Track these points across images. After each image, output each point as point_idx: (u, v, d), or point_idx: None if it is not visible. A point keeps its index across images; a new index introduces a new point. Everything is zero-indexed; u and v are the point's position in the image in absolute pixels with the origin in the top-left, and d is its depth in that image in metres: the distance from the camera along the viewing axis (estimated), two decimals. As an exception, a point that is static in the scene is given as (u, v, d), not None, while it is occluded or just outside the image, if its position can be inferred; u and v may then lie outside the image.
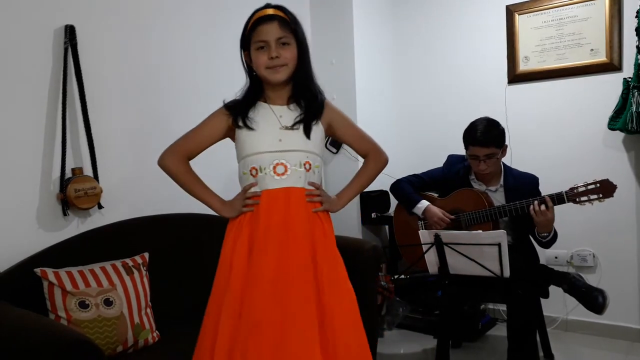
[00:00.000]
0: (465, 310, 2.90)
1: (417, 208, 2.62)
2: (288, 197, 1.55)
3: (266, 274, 1.50)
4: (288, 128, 1.57)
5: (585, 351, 2.75)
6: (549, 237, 2.35)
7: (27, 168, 1.99)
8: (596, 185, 2.23)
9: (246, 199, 1.57)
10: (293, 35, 1.54)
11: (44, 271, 1.80)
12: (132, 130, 2.33)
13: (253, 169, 1.57)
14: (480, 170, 2.45)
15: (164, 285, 2.15)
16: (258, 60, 1.54)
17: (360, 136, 1.74)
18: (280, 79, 1.55)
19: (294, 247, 1.52)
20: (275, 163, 1.55)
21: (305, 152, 1.57)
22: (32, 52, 2.00)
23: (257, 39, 1.53)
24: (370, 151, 1.74)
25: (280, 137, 1.56)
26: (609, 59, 2.79)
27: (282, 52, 1.53)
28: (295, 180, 1.56)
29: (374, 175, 1.76)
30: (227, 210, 1.62)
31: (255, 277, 1.50)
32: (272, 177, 1.55)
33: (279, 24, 1.52)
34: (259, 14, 1.54)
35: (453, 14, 3.30)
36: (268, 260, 1.51)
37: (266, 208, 1.55)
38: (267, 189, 1.56)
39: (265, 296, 1.48)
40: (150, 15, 2.41)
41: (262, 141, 1.56)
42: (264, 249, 1.52)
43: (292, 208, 1.55)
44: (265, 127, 1.57)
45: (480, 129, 2.42)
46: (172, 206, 2.41)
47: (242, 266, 1.53)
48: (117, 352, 1.85)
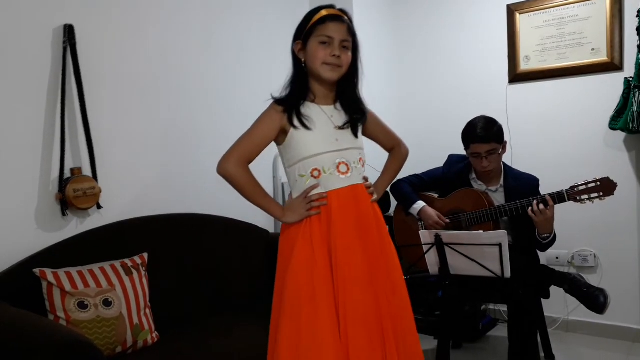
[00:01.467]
0: (465, 310, 2.90)
1: (412, 209, 2.62)
2: (356, 194, 1.60)
3: (360, 271, 1.53)
4: (341, 128, 1.60)
5: (586, 352, 2.75)
6: (549, 239, 2.35)
7: (26, 168, 1.98)
8: (597, 183, 2.22)
9: (311, 202, 1.56)
10: (352, 43, 1.60)
11: (43, 271, 1.79)
12: (132, 130, 2.32)
13: (315, 170, 1.57)
14: (483, 168, 2.45)
15: (163, 286, 2.15)
16: (318, 53, 1.55)
17: (389, 131, 1.83)
18: (333, 78, 1.57)
19: (372, 242, 1.58)
20: (338, 162, 1.58)
21: (358, 149, 1.64)
22: (31, 51, 1.99)
23: (323, 32, 1.55)
24: (397, 145, 1.85)
25: (337, 136, 1.59)
26: (610, 58, 2.79)
27: (342, 54, 1.56)
28: (357, 177, 1.62)
29: (401, 166, 1.88)
30: (289, 216, 1.59)
31: (350, 274, 1.52)
32: (338, 177, 1.58)
33: (347, 28, 1.58)
34: (332, 11, 1.58)
35: (454, 14, 3.29)
36: (357, 257, 1.54)
37: (338, 207, 1.56)
38: (333, 189, 1.57)
39: (365, 292, 1.52)
40: (149, 15, 2.40)
41: (321, 141, 1.57)
42: (350, 247, 1.54)
43: (361, 204, 1.60)
44: (321, 127, 1.58)
45: (480, 126, 2.43)
46: (171, 206, 2.41)
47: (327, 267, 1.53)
48: (116, 353, 1.85)
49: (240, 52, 2.81)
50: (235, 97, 2.75)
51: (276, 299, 1.62)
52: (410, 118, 3.50)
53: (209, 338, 1.98)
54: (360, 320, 1.50)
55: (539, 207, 2.24)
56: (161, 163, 2.43)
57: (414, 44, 3.46)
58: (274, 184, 2.89)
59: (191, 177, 2.52)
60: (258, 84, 2.75)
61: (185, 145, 2.51)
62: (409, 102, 3.50)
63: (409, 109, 3.51)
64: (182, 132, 2.52)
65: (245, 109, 2.34)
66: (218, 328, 2.08)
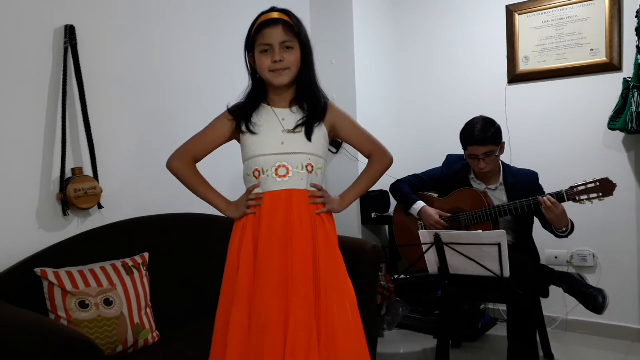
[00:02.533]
0: (465, 310, 2.90)
1: (412, 209, 2.63)
2: (290, 198, 1.57)
3: (272, 275, 1.52)
4: (290, 131, 1.58)
5: (585, 351, 2.75)
6: (568, 231, 2.36)
7: (27, 168, 1.99)
8: (596, 184, 2.23)
9: (249, 200, 1.60)
10: (297, 39, 1.56)
11: (44, 271, 1.80)
12: (132, 130, 2.33)
13: (256, 170, 1.59)
14: (480, 169, 2.46)
15: (164, 285, 2.15)
16: (262, 64, 1.56)
17: (364, 137, 1.73)
18: (282, 82, 1.57)
19: (295, 248, 1.54)
20: (277, 165, 1.57)
21: (307, 155, 1.58)
22: (32, 52, 2.00)
23: (261, 42, 1.55)
24: (374, 152, 1.73)
25: (283, 140, 1.58)
26: (609, 59, 2.79)
27: (285, 55, 1.54)
28: (297, 182, 1.58)
29: (378, 176, 1.75)
30: (231, 210, 1.65)
31: (261, 279, 1.52)
32: (274, 179, 1.57)
33: (283, 28, 1.54)
34: (264, 18, 1.56)
35: (453, 14, 3.30)
36: (273, 261, 1.53)
37: (268, 209, 1.57)
38: (269, 191, 1.58)
39: (272, 297, 1.51)
40: (150, 15, 2.41)
41: (265, 144, 1.58)
42: (268, 251, 1.54)
43: (293, 209, 1.56)
44: (268, 130, 1.59)
45: (477, 128, 2.43)
46: (172, 206, 2.41)
47: (249, 267, 1.56)
48: (117, 352, 1.85)
49: (240, 52, 2.80)
50: (235, 97, 2.74)
51: None
52: (409, 118, 3.50)
53: (209, 337, 1.98)
54: (260, 324, 1.50)
55: (545, 204, 2.25)
56: (161, 163, 2.42)
57: (413, 45, 3.47)
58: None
59: (191, 177, 2.52)
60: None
61: (185, 145, 2.52)
62: (408, 102, 3.51)
63: (408, 110, 3.51)
64: (183, 132, 2.51)
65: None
66: (218, 327, 2.09)
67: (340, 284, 1.59)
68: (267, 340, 1.48)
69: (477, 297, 2.70)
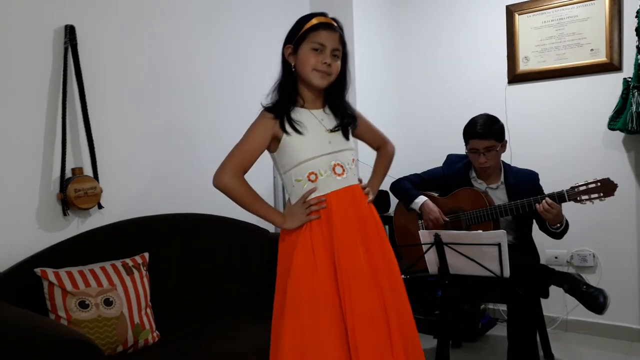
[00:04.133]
0: (465, 310, 2.90)
1: (414, 203, 2.62)
2: (353, 195, 1.61)
3: (364, 270, 1.54)
4: (332, 130, 1.62)
5: (585, 351, 2.76)
6: (561, 228, 2.36)
7: (27, 168, 1.99)
8: (597, 184, 2.23)
9: (311, 205, 1.57)
10: (342, 53, 1.62)
11: (44, 271, 1.80)
12: (132, 130, 2.33)
13: (311, 174, 1.58)
14: (480, 164, 2.47)
15: (164, 285, 2.15)
16: (309, 60, 1.57)
17: (374, 131, 1.85)
18: (322, 85, 1.59)
19: (372, 241, 1.59)
20: (333, 164, 1.59)
21: (350, 150, 1.65)
22: (32, 52, 2.00)
23: (316, 39, 1.57)
24: (383, 143, 1.87)
25: (329, 139, 1.60)
26: (609, 59, 2.79)
27: (332, 62, 1.58)
28: (352, 178, 1.63)
29: (389, 165, 1.89)
30: (289, 222, 1.60)
31: (355, 274, 1.53)
32: (334, 179, 1.59)
33: (339, 37, 1.60)
34: (323, 19, 1.59)
35: (453, 14, 3.30)
36: (360, 257, 1.55)
37: (337, 209, 1.57)
38: (331, 191, 1.58)
39: (370, 290, 1.53)
40: (150, 15, 2.41)
41: (315, 145, 1.59)
42: (352, 248, 1.55)
43: (359, 204, 1.61)
44: (313, 131, 1.60)
45: (480, 123, 2.46)
46: (172, 206, 2.41)
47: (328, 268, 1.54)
48: (117, 352, 1.85)
49: (240, 52, 2.82)
50: (235, 97, 2.75)
51: (277, 305, 1.63)
52: (409, 119, 3.50)
53: (209, 337, 1.99)
54: (367, 319, 1.51)
55: (544, 206, 2.25)
56: (162, 163, 2.43)
57: (413, 45, 3.47)
58: (274, 186, 2.90)
59: (191, 177, 2.52)
60: (258, 85, 2.73)
61: (185, 145, 2.52)
62: (408, 102, 3.51)
63: (408, 110, 3.51)
64: (183, 132, 2.53)
65: (245, 110, 2.34)
66: (218, 327, 2.09)
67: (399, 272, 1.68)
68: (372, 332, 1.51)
69: (477, 297, 2.69)
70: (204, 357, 1.84)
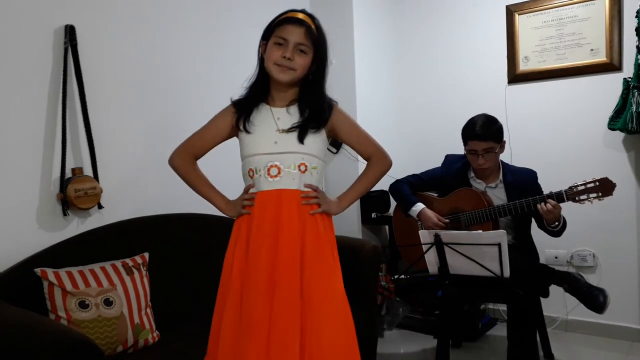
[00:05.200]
0: (465, 310, 2.90)
1: (412, 211, 2.63)
2: (279, 198, 1.56)
3: (259, 277, 1.52)
4: (284, 131, 1.58)
5: (585, 351, 2.75)
6: (559, 226, 2.36)
7: (27, 168, 1.99)
8: (595, 183, 2.23)
9: (244, 200, 1.61)
10: (312, 47, 1.57)
11: (44, 271, 1.80)
12: (132, 130, 2.33)
13: (250, 170, 1.60)
14: (478, 165, 2.47)
15: (164, 285, 2.15)
16: (271, 54, 1.57)
17: (364, 139, 1.71)
18: (282, 79, 1.56)
19: (282, 248, 1.53)
20: (269, 165, 1.57)
21: (300, 154, 1.57)
22: (32, 52, 2.00)
23: (279, 34, 1.56)
24: (373, 154, 1.71)
25: (276, 139, 1.58)
26: (609, 59, 2.79)
27: (296, 57, 1.55)
28: (288, 182, 1.57)
29: (376, 179, 1.73)
30: (229, 209, 1.67)
31: (250, 279, 1.53)
32: (266, 179, 1.57)
33: (305, 31, 1.55)
34: (291, 14, 1.58)
35: (453, 14, 3.30)
36: (261, 261, 1.52)
37: (259, 209, 1.58)
38: (261, 190, 1.58)
39: (259, 298, 1.51)
40: (150, 15, 2.41)
41: (258, 143, 1.59)
42: (257, 251, 1.54)
43: (283, 209, 1.55)
44: (262, 129, 1.59)
45: (479, 124, 2.45)
46: (172, 206, 2.41)
47: (242, 266, 1.57)
48: (117, 352, 1.85)
49: (240, 52, 2.81)
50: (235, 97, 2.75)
51: None
52: (409, 118, 3.50)
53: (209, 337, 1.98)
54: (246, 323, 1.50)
55: (546, 207, 2.25)
56: (162, 163, 2.42)
57: (413, 45, 3.47)
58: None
59: (191, 177, 2.52)
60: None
61: (185, 145, 2.52)
62: (407, 102, 3.51)
63: (407, 110, 3.51)
64: (183, 132, 2.51)
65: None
66: (218, 327, 2.09)
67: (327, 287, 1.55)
68: (251, 345, 1.47)
69: (477, 297, 2.70)
70: (204, 356, 1.83)
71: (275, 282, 1.51)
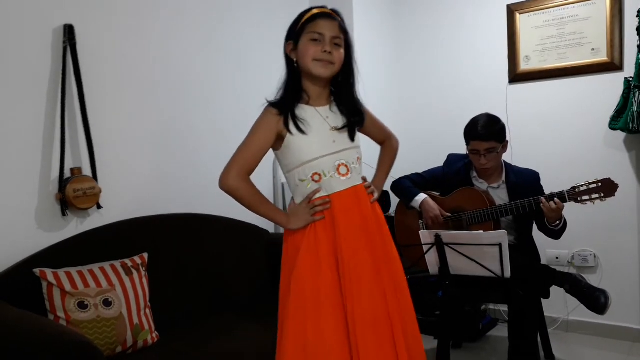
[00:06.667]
0: (466, 310, 2.89)
1: (414, 201, 2.62)
2: (357, 195, 1.59)
3: (368, 272, 1.53)
4: (337, 129, 1.58)
5: (587, 352, 2.75)
6: (560, 225, 2.35)
7: (26, 168, 1.98)
8: (598, 184, 2.22)
9: (316, 206, 1.55)
10: (344, 41, 1.58)
11: (43, 271, 1.79)
12: (132, 129, 2.32)
13: (315, 174, 1.56)
14: (481, 165, 2.46)
15: (163, 286, 2.15)
16: (309, 50, 1.53)
17: (380, 126, 1.81)
18: (325, 74, 1.55)
19: (375, 241, 1.57)
20: (337, 164, 1.56)
21: (355, 149, 1.62)
22: (31, 51, 1.99)
23: (314, 29, 1.54)
24: (387, 138, 1.83)
25: (334, 138, 1.57)
26: (610, 58, 2.79)
27: (334, 50, 1.54)
28: (357, 177, 1.61)
29: (394, 159, 1.86)
30: (294, 222, 1.58)
31: (358, 277, 1.51)
32: (338, 179, 1.56)
33: (338, 25, 1.56)
34: (319, 10, 1.57)
35: (454, 13, 3.29)
36: (364, 259, 1.53)
37: (341, 210, 1.55)
38: (335, 192, 1.56)
39: (373, 293, 1.52)
40: (149, 15, 2.40)
41: (319, 145, 1.56)
42: (356, 250, 1.53)
43: (363, 205, 1.59)
44: (317, 130, 1.56)
45: (481, 124, 2.45)
46: (171, 206, 2.41)
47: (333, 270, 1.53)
48: (116, 353, 1.85)
49: (240, 52, 2.81)
50: (235, 97, 2.75)
51: (281, 306, 1.62)
52: (410, 118, 3.49)
53: (209, 338, 1.98)
54: (369, 323, 1.49)
55: (552, 205, 2.24)
56: (161, 163, 2.43)
57: (413, 44, 3.46)
58: (273, 185, 2.89)
59: (191, 177, 2.52)
60: (258, 84, 2.74)
61: (185, 145, 2.51)
62: (408, 102, 3.50)
63: (408, 109, 3.51)
64: (182, 132, 2.52)
65: (245, 110, 2.34)
66: (218, 328, 2.08)
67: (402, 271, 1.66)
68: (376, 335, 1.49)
69: (478, 297, 2.69)
70: (204, 357, 1.83)
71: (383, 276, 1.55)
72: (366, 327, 1.49)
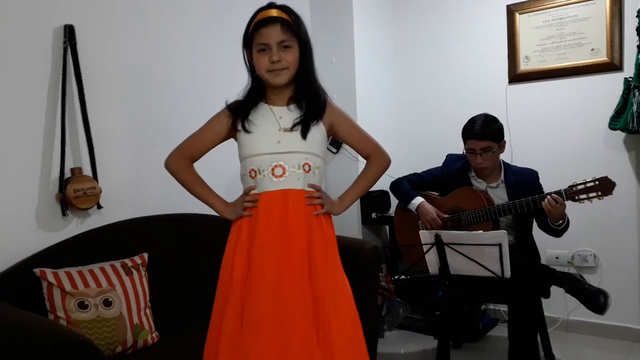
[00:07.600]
0: (465, 310, 2.89)
1: (411, 204, 2.62)
2: (286, 199, 1.54)
3: (266, 274, 1.50)
4: (287, 130, 1.55)
5: (586, 351, 2.75)
6: (563, 224, 2.35)
7: (26, 168, 1.98)
8: (595, 183, 2.22)
9: (245, 201, 1.57)
10: (295, 38, 1.53)
11: (43, 271, 1.79)
12: (132, 130, 2.33)
13: (252, 170, 1.57)
14: (477, 164, 2.47)
15: (163, 286, 2.15)
16: (259, 63, 1.54)
17: (363, 137, 1.70)
18: (281, 82, 1.54)
19: (291, 248, 1.52)
20: (273, 165, 1.54)
21: (304, 154, 1.56)
22: (31, 52, 1.99)
23: (258, 41, 1.52)
24: (372, 153, 1.71)
25: (279, 138, 1.55)
26: (610, 58, 2.79)
27: (283, 55, 1.51)
28: (294, 182, 1.55)
29: (376, 178, 1.73)
30: (228, 212, 1.63)
31: (255, 277, 1.51)
32: (271, 179, 1.55)
33: (281, 27, 1.50)
34: (261, 16, 1.52)
35: (453, 14, 3.29)
36: (267, 261, 1.51)
37: (264, 210, 1.55)
38: (265, 191, 1.55)
39: (265, 295, 1.49)
40: (150, 15, 2.40)
41: (261, 143, 1.56)
42: (263, 250, 1.52)
43: (289, 210, 1.54)
44: (264, 128, 1.56)
45: (478, 123, 2.45)
46: (171, 206, 2.41)
47: (243, 268, 1.54)
48: (117, 353, 1.85)
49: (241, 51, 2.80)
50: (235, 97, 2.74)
51: None
52: (409, 118, 3.50)
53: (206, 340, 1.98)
54: (254, 324, 1.48)
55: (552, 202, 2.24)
56: (161, 163, 2.41)
57: (413, 44, 3.46)
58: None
59: (191, 177, 2.52)
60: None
61: (185, 145, 2.51)
62: (408, 102, 3.50)
63: (408, 109, 3.51)
64: (182, 132, 2.50)
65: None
66: (218, 328, 2.08)
67: (338, 287, 1.57)
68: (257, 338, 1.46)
69: (477, 297, 2.69)
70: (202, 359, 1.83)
71: (282, 281, 1.49)
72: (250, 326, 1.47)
